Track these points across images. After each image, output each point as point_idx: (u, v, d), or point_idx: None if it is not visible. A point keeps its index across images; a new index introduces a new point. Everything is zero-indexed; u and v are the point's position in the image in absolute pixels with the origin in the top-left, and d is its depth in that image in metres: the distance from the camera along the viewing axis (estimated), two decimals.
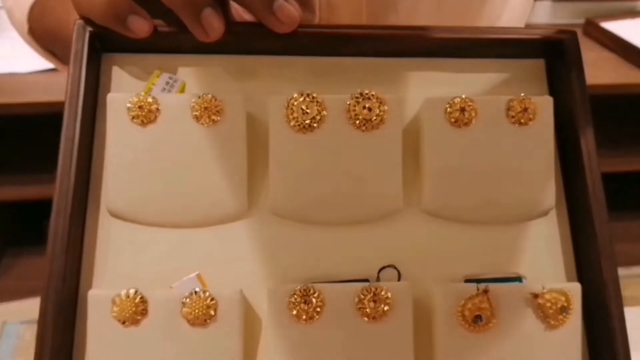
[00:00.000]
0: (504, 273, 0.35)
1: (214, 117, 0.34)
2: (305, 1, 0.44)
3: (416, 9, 0.45)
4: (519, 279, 0.35)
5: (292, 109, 0.34)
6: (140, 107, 0.34)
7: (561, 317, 0.33)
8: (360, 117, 0.34)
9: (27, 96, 0.99)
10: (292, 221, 0.35)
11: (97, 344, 0.32)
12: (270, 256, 0.35)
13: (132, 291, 0.31)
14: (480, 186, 0.35)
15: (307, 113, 0.34)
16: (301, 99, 0.34)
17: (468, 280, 0.35)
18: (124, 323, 0.31)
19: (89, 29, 0.35)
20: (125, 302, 0.31)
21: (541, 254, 0.36)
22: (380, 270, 0.35)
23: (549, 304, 0.33)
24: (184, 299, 0.32)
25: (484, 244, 0.36)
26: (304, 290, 0.32)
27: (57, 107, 0.33)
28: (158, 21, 0.34)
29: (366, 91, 0.35)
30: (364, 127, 0.35)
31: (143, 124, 0.34)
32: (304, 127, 0.34)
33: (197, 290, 0.32)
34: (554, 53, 0.38)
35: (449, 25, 0.37)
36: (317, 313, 0.32)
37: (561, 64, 0.38)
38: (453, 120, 0.35)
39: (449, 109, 0.35)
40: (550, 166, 0.36)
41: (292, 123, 0.34)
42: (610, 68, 1.23)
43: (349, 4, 0.45)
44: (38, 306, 0.31)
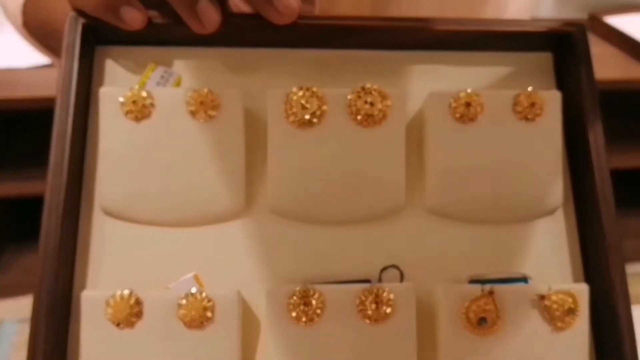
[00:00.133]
0: (509, 273, 0.35)
1: (211, 112, 0.33)
2: None
3: None
4: (524, 279, 0.35)
5: (291, 103, 0.33)
6: (134, 101, 0.33)
7: (568, 319, 0.32)
8: (362, 112, 0.34)
9: (27, 91, 0.98)
10: (291, 220, 0.34)
11: (91, 346, 0.31)
12: (269, 256, 0.34)
13: (126, 292, 0.31)
14: (485, 184, 0.35)
15: (306, 108, 0.33)
16: (301, 93, 0.33)
17: (472, 281, 0.34)
18: (118, 325, 0.30)
19: (81, 20, 0.34)
20: (119, 304, 0.30)
21: (547, 253, 0.35)
22: (382, 271, 0.34)
23: (555, 306, 0.32)
24: (180, 301, 0.31)
25: (488, 243, 0.35)
26: (304, 292, 0.31)
27: None
28: (152, 12, 0.34)
29: (368, 85, 0.34)
30: (365, 123, 0.34)
31: (137, 119, 0.33)
32: (303, 122, 0.33)
33: (194, 291, 0.31)
34: (562, 46, 0.37)
35: (453, 17, 0.36)
36: (317, 315, 0.31)
37: (569, 57, 0.37)
38: (458, 115, 0.34)
39: (453, 103, 0.34)
40: (557, 163, 0.35)
41: (292, 118, 0.33)
42: (614, 63, 1.21)
43: None
44: None
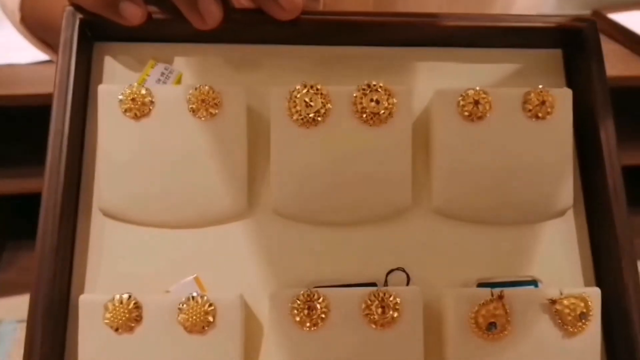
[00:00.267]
0: (519, 276, 0.34)
1: (212, 110, 0.33)
2: None
3: None
4: (534, 282, 0.34)
5: (295, 101, 0.33)
6: (133, 99, 0.32)
7: (580, 324, 0.31)
8: (368, 110, 0.33)
9: (27, 87, 0.97)
10: (294, 221, 0.34)
11: (89, 352, 0.30)
12: (272, 258, 0.33)
13: (125, 296, 0.30)
14: (494, 184, 0.34)
15: (310, 106, 0.33)
16: (304, 91, 0.33)
17: (481, 284, 0.33)
18: (117, 330, 0.30)
19: (79, 16, 0.33)
20: (118, 308, 0.29)
21: (557, 256, 0.35)
22: (388, 274, 0.33)
23: (567, 310, 0.31)
24: (181, 305, 0.30)
25: (497, 245, 0.34)
26: (308, 296, 0.30)
27: None
28: (152, 8, 0.33)
29: (374, 82, 0.33)
30: (371, 121, 0.33)
31: (136, 117, 0.33)
32: (307, 120, 0.33)
33: (195, 295, 0.30)
34: (572, 42, 0.36)
35: (461, 13, 0.36)
36: (322, 320, 0.30)
37: (580, 54, 0.36)
38: (466, 113, 0.34)
39: (461, 101, 0.34)
40: (568, 163, 0.34)
41: (295, 117, 0.33)
42: (618, 60, 1.20)
43: None
44: None
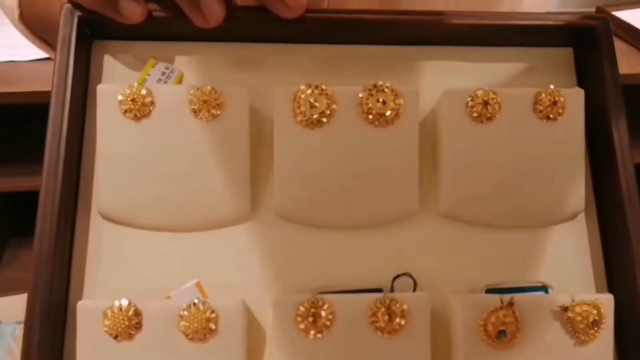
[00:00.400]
0: (528, 282, 0.33)
1: (214, 111, 0.32)
2: None
3: None
4: (544, 288, 0.33)
5: (299, 102, 0.32)
6: (133, 99, 0.32)
7: (592, 332, 0.30)
8: (374, 111, 0.32)
9: (29, 85, 0.97)
10: (299, 224, 0.33)
11: None
12: (275, 263, 0.33)
13: (125, 303, 0.29)
14: (503, 187, 0.33)
15: (315, 107, 0.32)
16: (309, 91, 0.32)
17: (489, 290, 0.33)
18: (116, 338, 0.29)
19: (77, 13, 0.33)
20: (117, 315, 0.29)
21: (568, 260, 0.34)
22: (394, 279, 0.33)
23: (579, 318, 0.30)
24: (182, 312, 0.29)
25: (506, 249, 0.34)
26: (312, 303, 0.29)
27: None
28: (153, 5, 0.32)
29: (380, 83, 0.33)
30: (377, 122, 0.32)
31: (136, 118, 0.32)
32: (312, 122, 0.32)
33: (196, 301, 0.29)
34: (583, 41, 0.36)
35: (469, 10, 0.35)
36: (327, 327, 0.29)
37: (592, 52, 0.35)
38: (475, 114, 0.33)
39: (470, 102, 0.33)
40: (580, 165, 0.34)
41: (299, 118, 0.32)
42: (622, 58, 1.19)
43: None
44: None
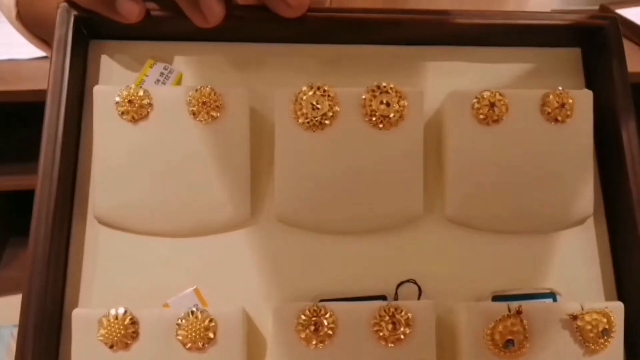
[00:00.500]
0: (536, 288, 0.33)
1: (213, 113, 0.31)
2: None
3: None
4: (552, 295, 0.32)
5: (300, 103, 0.31)
6: (130, 101, 0.31)
7: (602, 341, 0.30)
8: (377, 113, 0.32)
9: (29, 83, 0.96)
10: (300, 229, 0.32)
11: None
12: (276, 268, 0.32)
13: (121, 311, 0.28)
14: (510, 191, 0.33)
15: (317, 108, 0.31)
16: (311, 92, 0.31)
17: (496, 297, 0.32)
18: (112, 347, 0.28)
19: (73, 12, 0.32)
20: (113, 324, 0.28)
21: (577, 267, 0.33)
22: (398, 286, 0.32)
23: (589, 327, 0.29)
24: (179, 320, 0.28)
25: (513, 255, 0.33)
26: (314, 311, 0.29)
27: None
28: (151, 4, 0.32)
29: (384, 84, 0.32)
30: (381, 125, 0.32)
31: (134, 120, 0.31)
32: (313, 124, 0.32)
33: (194, 309, 0.29)
34: (592, 41, 0.35)
35: (475, 10, 0.34)
36: (329, 337, 0.29)
37: (600, 53, 0.35)
38: (481, 116, 0.32)
39: (476, 104, 0.32)
40: (588, 169, 0.33)
41: (301, 120, 0.31)
42: (627, 56, 1.18)
43: None
44: None
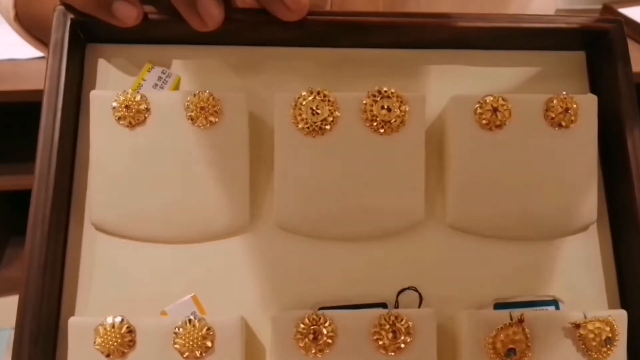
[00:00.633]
0: (538, 296, 0.32)
1: (212, 118, 0.31)
2: None
3: None
4: (554, 302, 0.32)
5: (300, 108, 0.31)
6: (127, 106, 0.31)
7: (604, 349, 0.29)
8: (378, 118, 0.31)
9: (29, 82, 0.96)
10: (299, 236, 0.32)
11: None
12: (275, 275, 0.32)
13: (117, 320, 0.28)
14: (512, 197, 0.32)
15: (317, 113, 0.31)
16: (311, 97, 0.31)
17: (498, 304, 0.31)
18: (108, 356, 0.28)
19: (70, 16, 0.32)
20: (110, 333, 0.28)
21: (579, 274, 0.33)
22: (399, 293, 0.31)
23: (591, 335, 0.29)
24: (177, 329, 0.28)
25: (515, 262, 0.33)
26: (313, 319, 0.28)
27: None
28: (148, 7, 0.32)
29: (385, 88, 0.32)
30: (382, 130, 0.32)
31: (131, 125, 0.31)
32: (313, 129, 0.31)
33: (192, 318, 0.28)
34: (597, 44, 0.34)
35: (476, 13, 0.34)
36: (328, 345, 0.28)
37: (605, 56, 0.34)
38: (484, 121, 0.32)
39: (479, 109, 0.32)
40: (592, 175, 0.32)
41: (301, 125, 0.31)
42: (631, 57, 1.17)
43: None
44: None
